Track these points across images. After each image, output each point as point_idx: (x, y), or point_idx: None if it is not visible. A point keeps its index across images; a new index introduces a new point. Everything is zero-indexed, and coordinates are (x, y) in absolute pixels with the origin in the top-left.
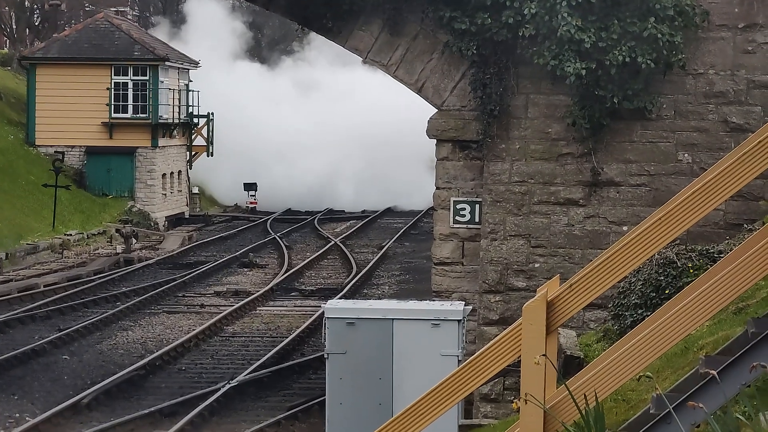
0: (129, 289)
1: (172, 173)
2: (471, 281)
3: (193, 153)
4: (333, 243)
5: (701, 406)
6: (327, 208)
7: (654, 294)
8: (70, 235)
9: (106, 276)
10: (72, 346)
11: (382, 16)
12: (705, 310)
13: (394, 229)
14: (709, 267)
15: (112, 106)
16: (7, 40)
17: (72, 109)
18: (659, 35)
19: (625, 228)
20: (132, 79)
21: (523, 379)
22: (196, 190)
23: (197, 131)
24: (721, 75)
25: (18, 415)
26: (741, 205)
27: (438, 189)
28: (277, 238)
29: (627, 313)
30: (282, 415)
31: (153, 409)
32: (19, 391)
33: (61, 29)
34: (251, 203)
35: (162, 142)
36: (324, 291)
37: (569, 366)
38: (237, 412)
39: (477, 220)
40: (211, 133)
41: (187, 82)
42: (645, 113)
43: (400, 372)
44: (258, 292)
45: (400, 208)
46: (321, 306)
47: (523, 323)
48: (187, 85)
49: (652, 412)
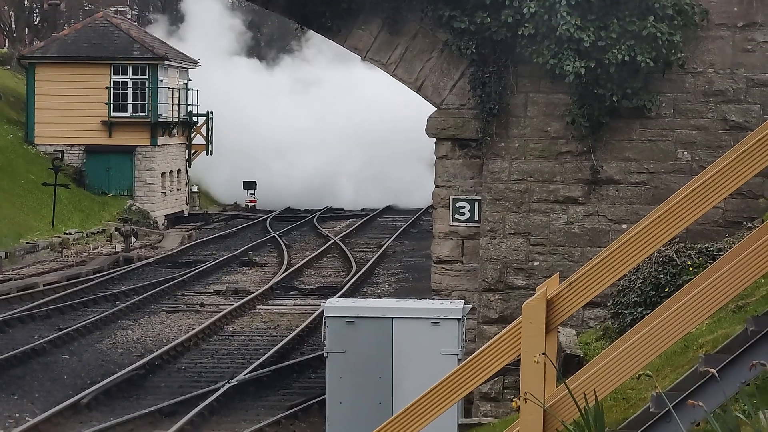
0: (128, 288)
1: (171, 172)
2: (470, 279)
3: (192, 152)
4: (332, 241)
5: (701, 404)
6: (326, 207)
7: (653, 292)
8: (70, 233)
9: (106, 275)
10: (72, 345)
11: (381, 15)
12: (704, 309)
13: (393, 228)
14: (708, 265)
15: (112, 105)
16: (7, 40)
17: (71, 108)
18: (658, 34)
19: (624, 226)
20: (131, 78)
21: (522, 378)
22: (195, 189)
23: (196, 130)
24: (720, 73)
25: (18, 414)
26: (740, 203)
27: (437, 187)
28: (277, 237)
29: (626, 312)
30: (282, 415)
31: (153, 408)
32: (19, 391)
33: (61, 28)
34: (250, 202)
35: (161, 140)
36: (323, 290)
37: (569, 364)
38: (237, 412)
39: (476, 218)
40: (210, 132)
41: (186, 80)
42: (644, 112)
43: (399, 371)
44: (257, 290)
45: (400, 206)
46: (320, 305)
47: (522, 322)
48: (186, 83)
49: (651, 410)
